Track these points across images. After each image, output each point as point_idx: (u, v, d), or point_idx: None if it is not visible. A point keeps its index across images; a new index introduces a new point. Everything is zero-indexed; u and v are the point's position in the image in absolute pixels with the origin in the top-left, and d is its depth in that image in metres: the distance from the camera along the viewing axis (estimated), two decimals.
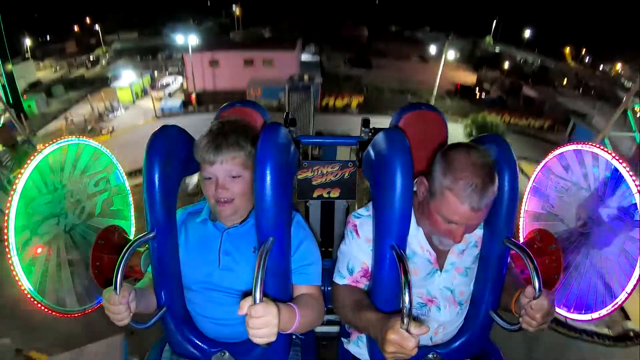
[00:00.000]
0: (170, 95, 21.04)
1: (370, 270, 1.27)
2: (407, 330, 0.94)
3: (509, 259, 1.29)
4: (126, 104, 19.57)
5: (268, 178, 1.08)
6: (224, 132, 1.24)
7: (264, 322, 0.93)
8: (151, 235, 1.19)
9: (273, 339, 0.95)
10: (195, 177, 1.37)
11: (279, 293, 1.16)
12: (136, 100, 20.40)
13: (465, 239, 1.29)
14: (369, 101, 19.78)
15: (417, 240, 1.26)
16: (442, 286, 1.30)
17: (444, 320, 1.31)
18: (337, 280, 1.32)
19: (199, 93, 19.67)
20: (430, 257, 1.28)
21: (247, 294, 0.96)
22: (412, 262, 1.26)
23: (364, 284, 1.30)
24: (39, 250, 1.65)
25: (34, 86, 22.12)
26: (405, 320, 0.93)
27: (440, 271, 1.29)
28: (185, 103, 19.40)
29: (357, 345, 1.44)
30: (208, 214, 1.35)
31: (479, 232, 1.31)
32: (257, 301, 0.92)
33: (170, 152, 1.19)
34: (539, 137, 18.55)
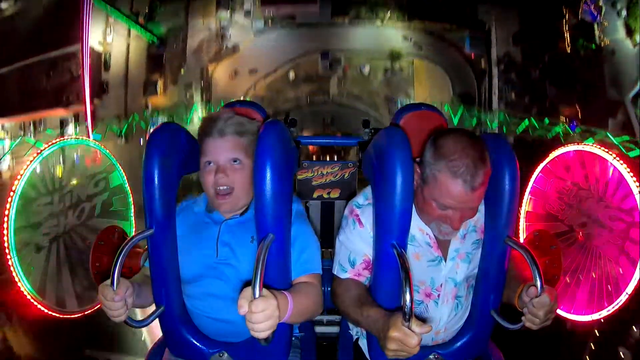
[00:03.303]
0: None
1: (372, 262, 1.26)
2: (409, 328, 0.93)
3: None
4: None
5: (268, 171, 1.08)
6: (227, 114, 1.28)
7: (265, 316, 0.92)
8: (149, 232, 1.18)
9: (274, 329, 0.95)
10: None
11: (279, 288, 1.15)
12: None
13: (465, 223, 1.29)
14: None
15: (416, 223, 1.25)
16: (448, 277, 1.29)
17: (442, 316, 1.31)
18: (339, 273, 1.31)
19: None
20: (429, 241, 1.27)
21: (246, 284, 0.95)
22: (412, 245, 1.25)
23: (365, 276, 1.29)
24: (39, 251, 1.64)
25: None
26: (407, 317, 0.93)
27: (445, 260, 1.28)
28: None
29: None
30: (205, 204, 1.35)
31: (477, 214, 1.31)
32: (257, 296, 0.92)
33: (170, 149, 1.19)
34: None
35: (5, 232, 1.53)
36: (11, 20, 8.47)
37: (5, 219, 1.53)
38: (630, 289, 1.60)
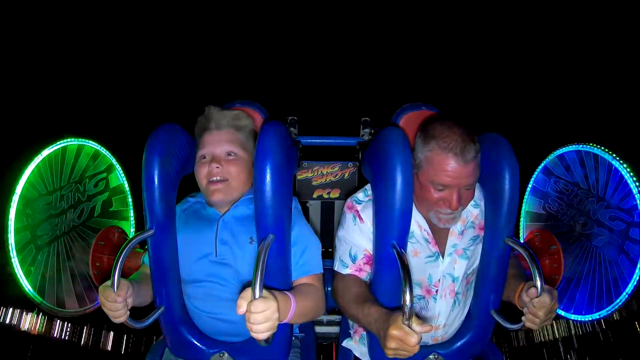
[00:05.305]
0: None
1: (372, 257, 1.26)
2: (409, 327, 0.93)
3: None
4: None
5: (268, 172, 1.08)
6: (224, 110, 1.34)
7: (264, 317, 0.92)
8: (150, 232, 1.18)
9: (274, 330, 0.95)
10: None
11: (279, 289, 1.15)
12: None
13: (464, 218, 1.30)
14: None
15: (414, 220, 1.26)
16: (445, 273, 1.30)
17: (441, 311, 1.31)
18: (340, 269, 1.31)
19: None
20: (427, 237, 1.28)
21: (246, 286, 0.95)
22: (410, 242, 1.26)
23: (367, 271, 1.29)
24: (39, 251, 1.64)
25: None
26: (407, 316, 0.93)
27: (443, 257, 1.29)
28: None
29: (363, 344, 1.43)
30: (204, 200, 1.36)
31: (474, 211, 1.32)
32: (257, 297, 0.92)
33: (170, 149, 1.19)
34: None
35: (5, 232, 1.52)
36: None
37: (6, 219, 1.53)
38: (629, 289, 1.60)
